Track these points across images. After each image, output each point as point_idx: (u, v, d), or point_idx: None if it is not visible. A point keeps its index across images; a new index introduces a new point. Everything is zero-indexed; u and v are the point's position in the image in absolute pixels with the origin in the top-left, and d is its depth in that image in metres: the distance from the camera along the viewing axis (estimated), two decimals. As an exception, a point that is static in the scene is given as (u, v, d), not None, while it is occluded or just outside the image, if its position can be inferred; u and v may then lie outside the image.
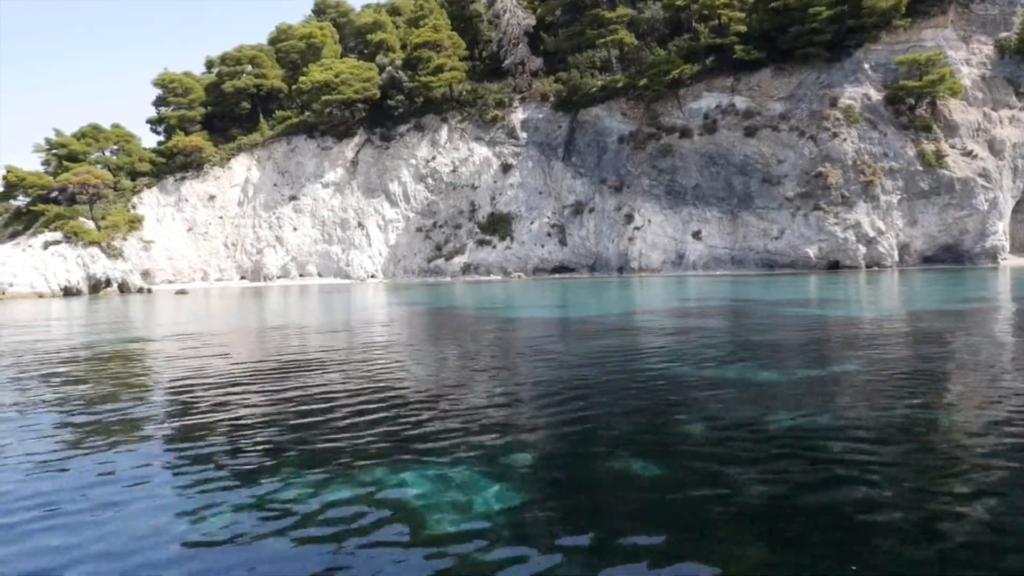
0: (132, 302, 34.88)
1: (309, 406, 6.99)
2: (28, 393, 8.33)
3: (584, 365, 9.09)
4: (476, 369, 9.31)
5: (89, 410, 7.25)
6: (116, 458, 5.35)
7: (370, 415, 6.49)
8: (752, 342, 10.96)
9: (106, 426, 6.50)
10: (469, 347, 11.69)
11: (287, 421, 6.42)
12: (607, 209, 50.27)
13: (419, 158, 54.87)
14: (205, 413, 6.91)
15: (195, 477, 4.84)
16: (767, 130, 46.40)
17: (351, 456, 5.19)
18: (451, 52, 54.34)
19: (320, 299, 31.83)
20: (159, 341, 14.54)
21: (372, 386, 7.95)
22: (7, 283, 41.36)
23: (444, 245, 53.29)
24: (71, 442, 5.93)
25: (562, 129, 53.35)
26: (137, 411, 7.20)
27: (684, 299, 21.96)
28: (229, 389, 8.12)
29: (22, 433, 6.28)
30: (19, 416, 7.04)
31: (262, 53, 58.15)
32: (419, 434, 5.75)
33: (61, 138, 53.22)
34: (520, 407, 6.79)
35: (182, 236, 53.74)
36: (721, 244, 47.11)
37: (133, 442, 5.89)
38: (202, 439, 5.83)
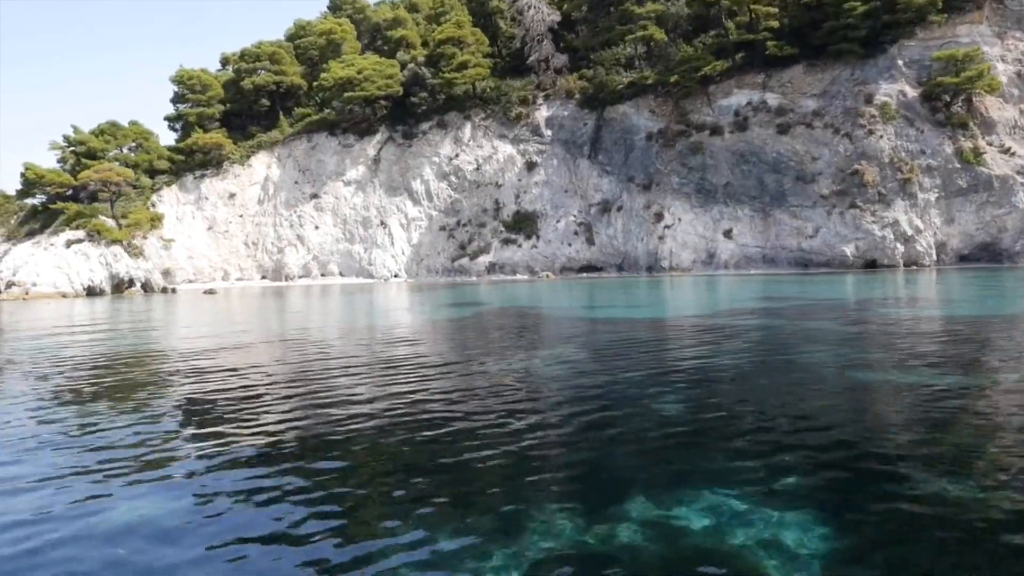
0: (164, 303, 34.07)
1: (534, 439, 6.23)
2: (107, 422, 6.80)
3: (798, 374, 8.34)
4: (671, 381, 8.54)
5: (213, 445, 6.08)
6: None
7: (631, 442, 5.72)
8: (919, 348, 10.21)
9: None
10: (612, 351, 10.91)
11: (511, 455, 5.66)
12: (635, 208, 49.54)
13: (442, 156, 54.10)
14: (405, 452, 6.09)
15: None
16: (800, 127, 45.71)
17: (641, 484, 4.44)
18: (475, 49, 53.59)
19: (358, 299, 31.06)
20: (244, 348, 13.77)
21: (581, 409, 7.14)
22: (30, 282, 40.54)
23: (468, 244, 52.51)
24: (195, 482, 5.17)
25: (588, 126, 52.61)
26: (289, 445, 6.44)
27: (764, 297, 21.22)
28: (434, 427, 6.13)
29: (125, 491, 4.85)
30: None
31: (281, 49, 57.32)
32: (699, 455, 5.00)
33: (79, 135, 52.32)
34: (775, 423, 6.04)
35: (202, 235, 52.89)
36: (753, 243, 46.39)
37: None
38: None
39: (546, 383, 7.93)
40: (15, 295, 39.40)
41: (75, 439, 5.99)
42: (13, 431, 6.31)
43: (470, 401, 7.07)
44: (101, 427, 6.37)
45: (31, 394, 8.27)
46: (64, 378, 9.37)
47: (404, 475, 4.74)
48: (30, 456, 5.45)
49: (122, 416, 6.72)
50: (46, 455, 5.48)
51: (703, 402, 6.76)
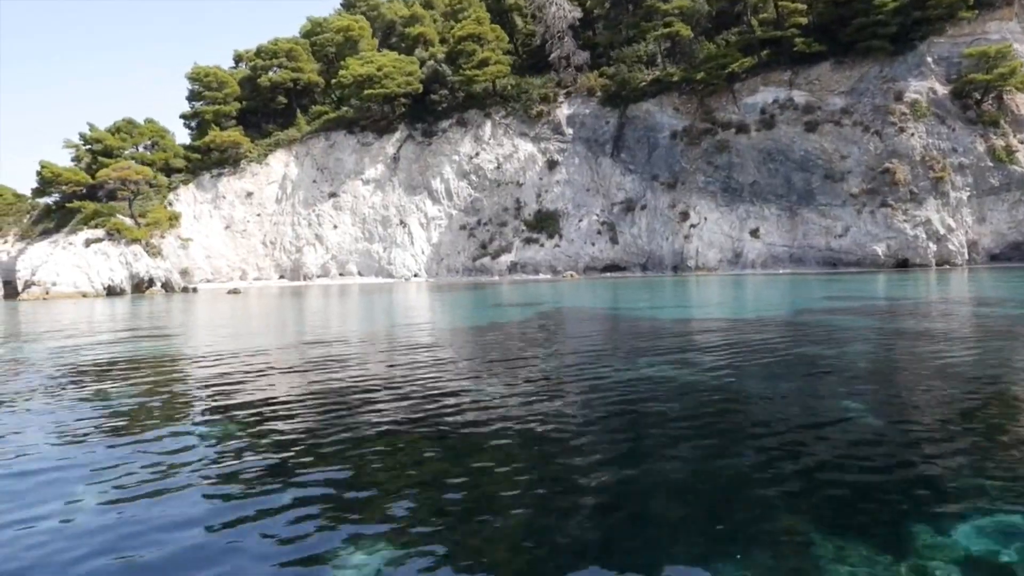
0: (190, 303, 33.40)
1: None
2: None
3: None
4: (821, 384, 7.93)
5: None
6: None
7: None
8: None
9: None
10: (741, 360, 10.29)
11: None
12: (660, 207, 48.98)
13: (462, 154, 53.48)
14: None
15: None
16: (829, 125, 45.18)
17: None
18: (495, 46, 52.99)
19: (394, 299, 30.42)
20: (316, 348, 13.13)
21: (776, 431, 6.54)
22: (50, 282, 39.83)
23: (489, 243, 51.89)
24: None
25: (610, 125, 52.03)
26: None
27: (829, 296, 20.60)
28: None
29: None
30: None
31: (298, 46, 56.61)
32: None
33: (95, 133, 51.56)
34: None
35: (220, 234, 52.18)
36: (780, 242, 45.86)
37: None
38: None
39: (701, 395, 7.32)
40: (35, 295, 38.69)
41: (161, 454, 5.39)
42: (88, 454, 5.65)
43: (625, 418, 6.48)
44: (179, 433, 5.77)
45: (108, 410, 7.65)
46: (129, 386, 8.76)
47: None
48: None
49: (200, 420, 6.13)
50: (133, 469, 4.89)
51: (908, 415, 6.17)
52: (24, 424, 6.68)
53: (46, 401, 7.83)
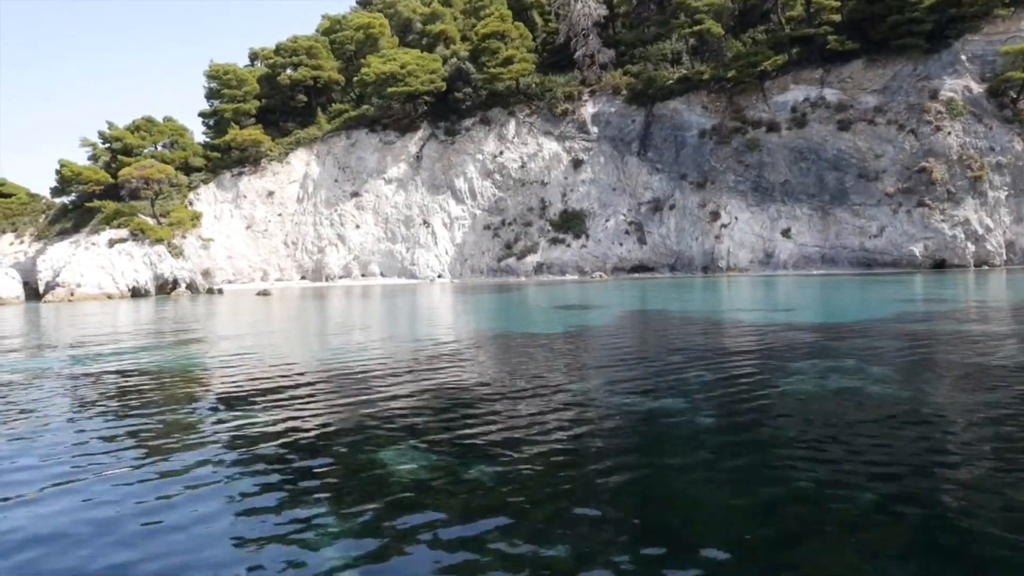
0: (223, 305, 32.68)
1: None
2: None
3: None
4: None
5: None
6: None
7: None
8: None
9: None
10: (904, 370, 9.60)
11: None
12: (688, 206, 48.35)
13: (486, 153, 52.79)
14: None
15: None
16: (862, 124, 44.60)
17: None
18: (519, 43, 52.31)
19: (438, 301, 29.73)
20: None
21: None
22: (74, 283, 39.02)
23: (514, 244, 51.21)
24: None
25: (636, 123, 51.37)
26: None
27: (903, 299, 19.97)
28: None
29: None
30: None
31: (317, 44, 55.84)
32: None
33: (115, 131, 50.74)
34: None
35: (241, 234, 51.40)
36: (812, 242, 45.26)
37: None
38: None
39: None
40: (60, 296, 37.89)
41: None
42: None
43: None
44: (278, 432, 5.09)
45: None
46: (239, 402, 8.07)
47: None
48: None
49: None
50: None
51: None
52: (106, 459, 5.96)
53: (117, 423, 7.14)
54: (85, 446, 6.12)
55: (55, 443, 6.26)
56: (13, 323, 24.29)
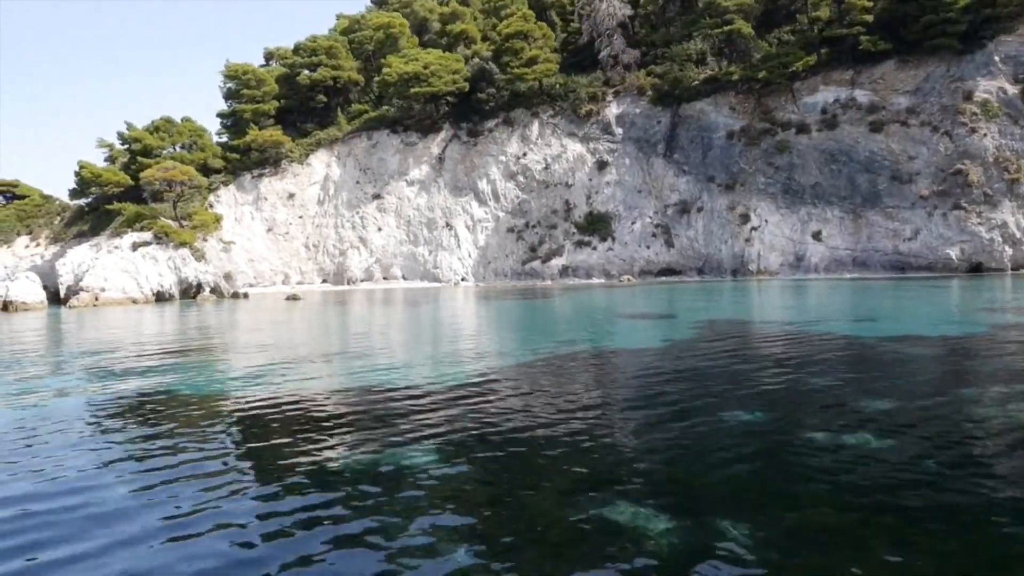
0: (253, 310, 31.97)
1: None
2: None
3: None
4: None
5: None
6: None
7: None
8: None
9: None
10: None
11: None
12: (717, 208, 47.77)
13: (509, 154, 52.13)
14: None
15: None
16: (895, 125, 44.09)
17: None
18: (542, 43, 51.67)
19: (495, 307, 29.04)
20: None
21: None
22: (98, 287, 38.23)
23: (539, 246, 50.56)
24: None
25: (662, 124, 50.76)
26: None
27: (981, 308, 19.37)
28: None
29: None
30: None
31: (337, 44, 55.06)
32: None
33: (134, 132, 49.91)
34: None
35: (262, 237, 50.65)
36: (843, 245, 44.72)
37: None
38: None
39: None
40: (85, 301, 37.09)
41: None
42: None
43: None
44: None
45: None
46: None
47: None
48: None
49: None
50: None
51: None
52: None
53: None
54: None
55: (147, 480, 5.68)
56: (48, 333, 23.54)
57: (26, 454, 6.97)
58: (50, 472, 6.27)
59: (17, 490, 5.81)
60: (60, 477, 6.10)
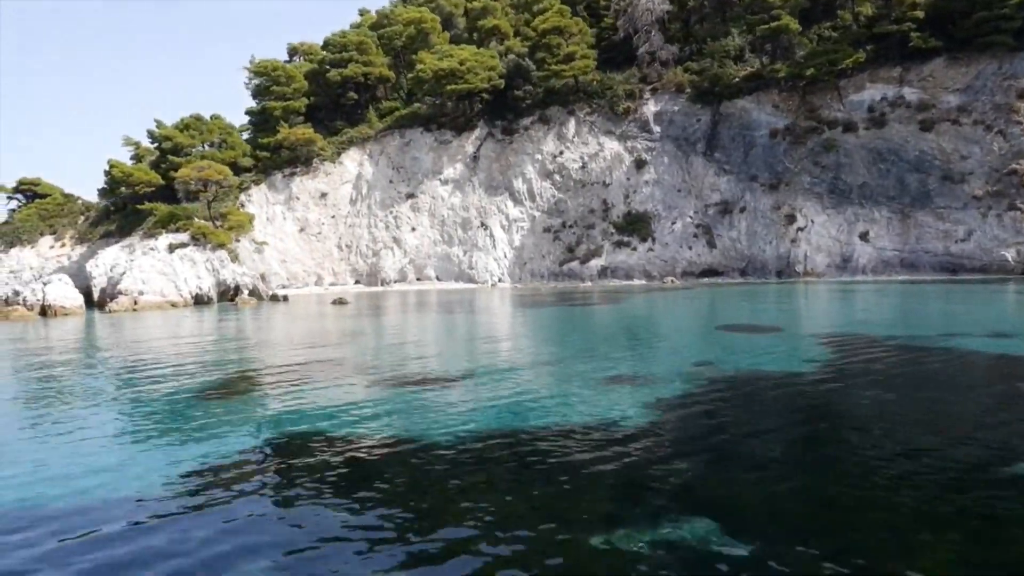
0: (310, 316, 30.95)
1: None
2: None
3: None
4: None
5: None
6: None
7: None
8: None
9: None
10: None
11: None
12: (760, 208, 46.87)
13: (545, 153, 51.13)
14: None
15: None
16: (946, 124, 43.20)
17: None
18: (579, 39, 50.64)
19: (569, 315, 28.08)
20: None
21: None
22: (136, 290, 37.17)
23: (576, 247, 49.61)
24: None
25: (701, 122, 49.80)
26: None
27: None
28: None
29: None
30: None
31: (367, 39, 53.88)
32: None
33: (164, 130, 48.73)
34: None
35: (294, 237, 49.58)
36: (890, 246, 43.88)
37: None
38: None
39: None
40: (124, 305, 36.01)
41: None
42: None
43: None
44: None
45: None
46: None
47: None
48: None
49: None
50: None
51: None
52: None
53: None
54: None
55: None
56: (108, 344, 22.50)
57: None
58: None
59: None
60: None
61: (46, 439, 9.25)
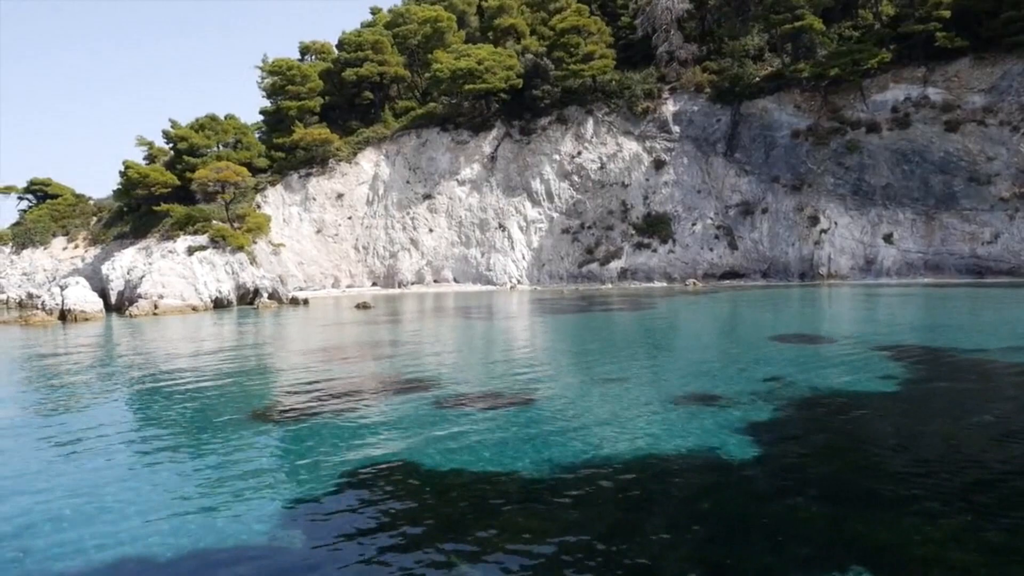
0: (338, 322, 30.52)
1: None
2: None
3: None
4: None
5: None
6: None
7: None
8: None
9: None
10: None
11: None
12: (782, 210, 46.43)
13: (563, 153, 50.64)
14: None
15: None
16: (971, 124, 42.74)
17: None
18: (598, 39, 50.11)
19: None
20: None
21: None
22: (156, 294, 36.70)
23: (595, 248, 49.16)
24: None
25: (721, 122, 49.32)
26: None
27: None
28: None
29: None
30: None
31: (383, 38, 53.31)
32: None
33: (179, 130, 48.19)
34: None
35: (311, 238, 49.09)
36: (915, 248, 43.47)
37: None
38: None
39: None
40: (144, 309, 35.53)
41: None
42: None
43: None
44: None
45: None
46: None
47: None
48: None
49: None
50: None
51: None
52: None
53: None
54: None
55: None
56: (143, 353, 22.02)
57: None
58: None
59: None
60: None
61: (139, 481, 8.79)
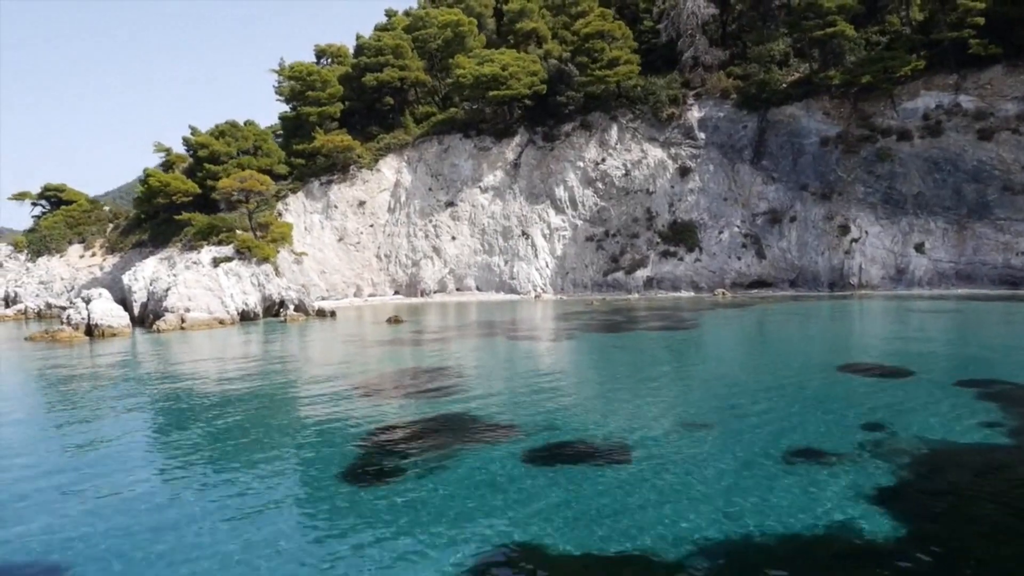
0: (381, 341, 29.88)
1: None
2: None
3: None
4: None
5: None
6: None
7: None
8: None
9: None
10: None
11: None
12: (811, 218, 45.88)
13: (587, 160, 50.03)
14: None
15: None
16: (1006, 133, 42.21)
17: None
18: (623, 44, 49.43)
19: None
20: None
21: None
22: (182, 307, 36.07)
23: (620, 256, 48.60)
24: None
25: (748, 129, 48.73)
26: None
27: None
28: None
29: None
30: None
31: (403, 43, 52.55)
32: None
33: (200, 137, 47.48)
34: None
35: (333, 247, 48.45)
36: (946, 258, 42.99)
37: None
38: None
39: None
40: (172, 324, 34.90)
41: None
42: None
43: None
44: None
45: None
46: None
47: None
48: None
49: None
50: None
51: None
52: None
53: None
54: None
55: None
56: (186, 381, 21.34)
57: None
58: None
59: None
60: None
61: (216, 521, 8.21)
